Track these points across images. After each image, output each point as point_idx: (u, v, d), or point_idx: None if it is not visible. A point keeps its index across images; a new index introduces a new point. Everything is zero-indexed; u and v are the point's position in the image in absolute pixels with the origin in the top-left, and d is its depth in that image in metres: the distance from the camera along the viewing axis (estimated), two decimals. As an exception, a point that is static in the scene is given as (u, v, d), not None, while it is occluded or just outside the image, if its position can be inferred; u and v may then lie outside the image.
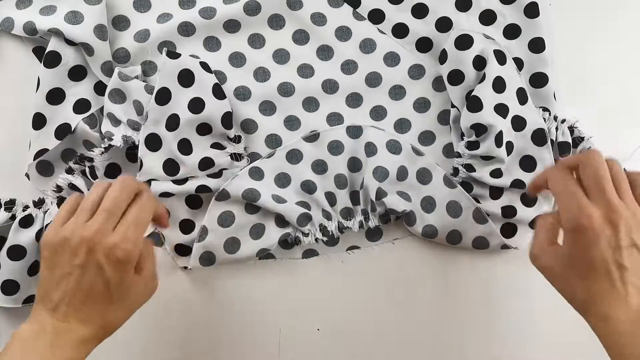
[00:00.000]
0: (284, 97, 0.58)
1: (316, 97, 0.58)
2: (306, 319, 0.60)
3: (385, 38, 0.59)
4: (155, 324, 0.59)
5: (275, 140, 0.58)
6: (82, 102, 0.56)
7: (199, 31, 0.57)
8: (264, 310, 0.59)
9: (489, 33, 0.58)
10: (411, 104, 0.59)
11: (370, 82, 0.58)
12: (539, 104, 0.58)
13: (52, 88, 0.55)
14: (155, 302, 0.59)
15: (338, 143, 0.57)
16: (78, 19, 0.54)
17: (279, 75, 0.58)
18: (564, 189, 0.43)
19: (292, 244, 0.58)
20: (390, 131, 0.58)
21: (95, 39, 0.54)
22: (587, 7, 0.60)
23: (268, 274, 0.59)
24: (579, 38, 0.59)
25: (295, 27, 0.58)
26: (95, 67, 0.55)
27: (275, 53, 0.58)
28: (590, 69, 0.59)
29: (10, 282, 0.54)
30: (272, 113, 0.58)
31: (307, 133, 0.57)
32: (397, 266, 0.60)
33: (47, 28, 0.54)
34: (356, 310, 0.60)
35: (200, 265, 0.56)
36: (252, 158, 0.58)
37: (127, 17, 0.58)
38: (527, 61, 0.58)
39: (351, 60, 0.58)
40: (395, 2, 0.59)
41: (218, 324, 0.60)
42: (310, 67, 0.58)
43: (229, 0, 0.57)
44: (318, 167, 0.57)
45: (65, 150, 0.57)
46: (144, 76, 0.57)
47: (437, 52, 0.58)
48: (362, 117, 0.58)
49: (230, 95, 0.57)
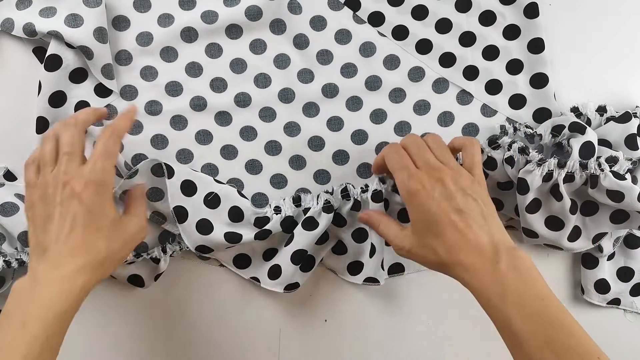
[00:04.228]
0: (284, 104, 0.58)
1: (316, 102, 0.59)
2: (306, 319, 0.61)
3: (385, 40, 0.58)
4: (156, 324, 0.60)
5: (275, 147, 0.59)
6: (82, 104, 0.56)
7: (201, 38, 0.58)
8: (264, 310, 0.60)
9: (488, 33, 0.58)
10: (411, 106, 0.59)
11: (370, 86, 0.58)
12: (539, 105, 0.58)
13: (54, 91, 0.55)
14: (155, 302, 0.60)
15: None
16: (78, 22, 0.54)
17: (279, 81, 0.58)
18: (398, 164, 0.49)
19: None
20: (390, 135, 0.59)
21: (94, 42, 0.54)
22: (587, 7, 0.59)
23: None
24: (579, 38, 0.59)
25: (295, 31, 0.58)
26: (96, 69, 0.55)
27: (276, 58, 0.58)
28: (590, 69, 0.59)
29: None
30: (272, 119, 0.59)
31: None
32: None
33: (46, 30, 0.54)
34: (357, 311, 0.61)
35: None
36: (252, 163, 0.59)
37: (127, 18, 0.58)
38: (526, 62, 0.58)
39: (351, 63, 0.58)
40: (395, 4, 0.58)
41: (218, 324, 0.60)
42: (310, 71, 0.58)
43: (230, 3, 0.57)
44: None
45: None
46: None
47: (437, 53, 0.58)
48: (362, 120, 0.59)
49: (231, 102, 0.58)
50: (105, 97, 0.57)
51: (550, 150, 0.57)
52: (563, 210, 0.54)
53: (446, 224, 0.46)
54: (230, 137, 0.59)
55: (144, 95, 0.58)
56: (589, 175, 0.52)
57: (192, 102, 0.58)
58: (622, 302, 0.60)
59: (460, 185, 0.47)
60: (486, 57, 0.59)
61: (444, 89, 0.59)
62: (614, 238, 0.58)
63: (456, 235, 0.45)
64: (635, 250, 0.59)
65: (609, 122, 0.56)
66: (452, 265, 0.45)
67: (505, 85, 0.59)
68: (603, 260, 0.58)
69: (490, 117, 0.59)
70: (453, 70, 0.59)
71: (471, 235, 0.45)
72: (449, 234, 0.45)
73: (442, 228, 0.46)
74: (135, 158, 0.58)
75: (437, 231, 0.46)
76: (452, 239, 0.45)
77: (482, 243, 0.45)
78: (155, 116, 0.58)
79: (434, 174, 0.47)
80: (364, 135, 0.59)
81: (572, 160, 0.52)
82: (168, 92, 0.58)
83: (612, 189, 0.52)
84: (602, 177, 0.52)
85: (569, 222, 0.54)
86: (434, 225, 0.46)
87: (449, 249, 0.45)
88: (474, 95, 0.59)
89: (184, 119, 0.58)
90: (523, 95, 0.59)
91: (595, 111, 0.57)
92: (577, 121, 0.55)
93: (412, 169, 0.48)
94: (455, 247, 0.45)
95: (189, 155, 0.59)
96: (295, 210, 0.56)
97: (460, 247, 0.45)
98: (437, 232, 0.46)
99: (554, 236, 0.55)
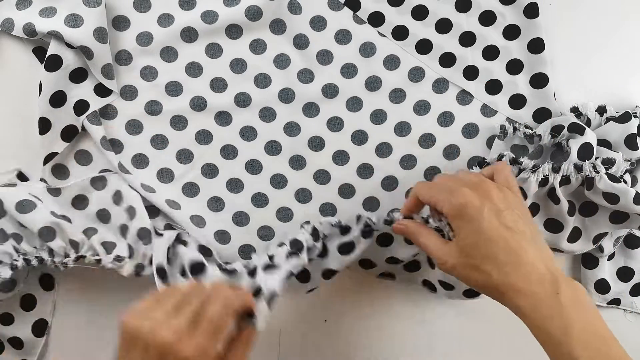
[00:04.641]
0: (284, 104, 0.58)
1: (316, 102, 0.59)
2: (306, 319, 0.61)
3: (385, 41, 0.58)
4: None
5: (275, 147, 0.59)
6: (81, 103, 0.56)
7: (201, 38, 0.58)
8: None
9: (488, 33, 0.58)
10: (411, 106, 0.59)
11: (370, 86, 0.58)
12: (539, 105, 0.58)
13: (54, 91, 0.55)
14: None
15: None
16: (77, 22, 0.54)
17: (279, 81, 0.58)
18: (434, 191, 0.46)
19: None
20: (390, 135, 0.59)
21: (95, 42, 0.54)
22: (587, 7, 0.59)
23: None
24: (579, 38, 0.59)
25: (295, 31, 0.58)
26: (96, 70, 0.55)
27: (276, 58, 0.58)
28: (590, 69, 0.59)
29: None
30: (272, 119, 0.59)
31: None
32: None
33: (46, 30, 0.54)
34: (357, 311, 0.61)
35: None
36: (252, 163, 0.59)
37: (127, 18, 0.58)
38: (526, 62, 0.58)
39: (351, 64, 0.58)
40: (395, 4, 0.58)
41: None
42: (310, 71, 0.58)
43: (230, 3, 0.57)
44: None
45: (78, 152, 0.58)
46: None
47: (437, 54, 0.59)
48: (362, 121, 0.59)
49: (231, 102, 0.58)
50: (105, 97, 0.57)
51: (549, 150, 0.57)
52: (561, 212, 0.54)
53: (498, 243, 0.42)
54: (230, 137, 0.59)
55: (144, 95, 0.58)
56: (584, 177, 0.52)
57: (192, 102, 0.58)
58: (622, 302, 0.60)
59: (508, 201, 0.43)
60: (486, 57, 0.59)
61: (444, 89, 0.59)
62: (615, 238, 0.58)
63: (510, 257, 0.41)
64: (635, 250, 0.59)
65: (608, 122, 0.56)
66: (505, 289, 0.41)
67: (505, 85, 0.59)
68: (603, 260, 0.58)
69: (490, 117, 0.59)
70: (453, 71, 0.59)
71: (525, 258, 0.41)
72: (502, 254, 0.41)
73: (494, 248, 0.42)
74: (135, 158, 0.58)
75: (489, 251, 0.42)
76: (505, 260, 0.41)
77: (538, 268, 0.41)
78: (155, 116, 0.58)
79: (479, 189, 0.44)
80: (364, 136, 0.59)
81: (566, 163, 0.53)
82: (168, 92, 0.58)
83: (607, 192, 0.52)
84: (598, 179, 0.52)
85: (567, 224, 0.54)
86: (485, 244, 0.42)
87: (502, 271, 0.41)
88: (474, 95, 0.59)
89: (184, 119, 0.58)
90: (523, 95, 0.59)
91: (595, 111, 0.57)
92: (576, 122, 0.55)
93: (453, 187, 0.44)
94: (509, 270, 0.41)
95: (189, 155, 0.59)
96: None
97: (514, 270, 0.41)
98: (488, 252, 0.42)
99: (553, 239, 0.55)
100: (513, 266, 0.41)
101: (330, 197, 0.59)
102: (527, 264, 0.41)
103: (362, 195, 0.59)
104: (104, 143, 0.57)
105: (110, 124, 0.58)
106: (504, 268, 0.41)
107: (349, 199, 0.59)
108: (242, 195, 0.59)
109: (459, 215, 0.43)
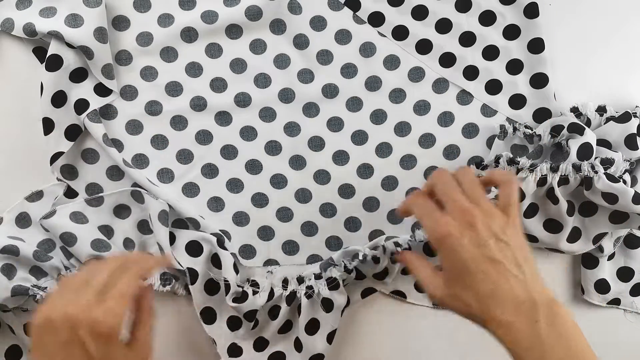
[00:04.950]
0: (284, 104, 0.58)
1: (316, 102, 0.59)
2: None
3: (385, 41, 0.58)
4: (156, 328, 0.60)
5: (275, 147, 0.59)
6: (81, 102, 0.56)
7: (202, 38, 0.58)
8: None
9: (488, 33, 0.58)
10: (411, 106, 0.59)
11: (370, 86, 0.58)
12: (539, 105, 0.58)
13: (55, 91, 0.55)
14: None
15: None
16: (78, 22, 0.54)
17: (279, 81, 0.58)
18: (423, 211, 0.45)
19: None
20: (390, 135, 0.59)
21: (95, 42, 0.54)
22: (587, 7, 0.59)
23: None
24: (579, 38, 0.59)
25: (295, 31, 0.58)
26: (96, 69, 0.55)
27: (276, 58, 0.58)
28: (590, 69, 0.59)
29: None
30: (272, 119, 0.59)
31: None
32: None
33: (46, 30, 0.54)
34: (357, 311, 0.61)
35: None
36: (252, 163, 0.59)
37: (127, 18, 0.58)
38: (526, 62, 0.58)
39: (351, 64, 0.58)
40: (395, 4, 0.58)
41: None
42: (310, 72, 0.58)
43: (230, 3, 0.57)
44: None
45: (85, 150, 0.58)
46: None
47: (437, 54, 0.59)
48: (362, 121, 0.59)
49: (231, 102, 0.58)
50: (105, 97, 0.57)
51: (549, 150, 0.57)
52: (560, 212, 0.54)
53: (477, 275, 0.42)
54: (230, 137, 0.59)
55: (144, 95, 0.58)
56: (583, 177, 0.52)
57: (192, 102, 0.58)
58: (622, 302, 0.60)
59: (493, 230, 0.43)
60: (486, 57, 0.59)
61: (444, 89, 0.59)
62: (615, 238, 0.58)
63: (489, 287, 0.42)
64: (635, 250, 0.59)
65: (608, 122, 0.56)
66: (485, 320, 0.42)
67: (505, 85, 0.59)
68: (603, 260, 0.58)
69: (490, 117, 0.59)
70: (453, 70, 0.59)
71: (506, 286, 0.42)
72: (481, 285, 0.42)
73: (473, 279, 0.42)
74: (135, 158, 0.58)
75: (468, 282, 0.42)
76: (485, 291, 0.42)
77: (517, 297, 0.41)
78: (155, 116, 0.58)
79: (464, 218, 0.43)
80: (364, 136, 0.59)
81: (565, 163, 0.53)
82: (168, 92, 0.58)
83: (606, 192, 0.52)
84: (596, 179, 0.52)
85: (567, 224, 0.54)
86: (464, 276, 0.42)
87: (482, 302, 0.42)
88: (474, 95, 0.59)
89: (184, 119, 0.58)
90: (523, 95, 0.59)
91: (595, 111, 0.57)
92: (576, 122, 0.55)
93: (437, 214, 0.44)
94: (489, 301, 0.42)
95: (189, 155, 0.59)
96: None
97: (494, 301, 0.42)
98: (468, 283, 0.42)
99: (553, 239, 0.55)
100: (492, 297, 0.42)
101: (330, 197, 0.59)
102: (507, 294, 0.42)
103: (362, 195, 0.59)
104: (106, 140, 0.57)
105: (110, 124, 0.58)
106: (484, 299, 0.42)
107: (349, 199, 0.59)
108: (242, 195, 0.59)
109: (441, 246, 0.43)
